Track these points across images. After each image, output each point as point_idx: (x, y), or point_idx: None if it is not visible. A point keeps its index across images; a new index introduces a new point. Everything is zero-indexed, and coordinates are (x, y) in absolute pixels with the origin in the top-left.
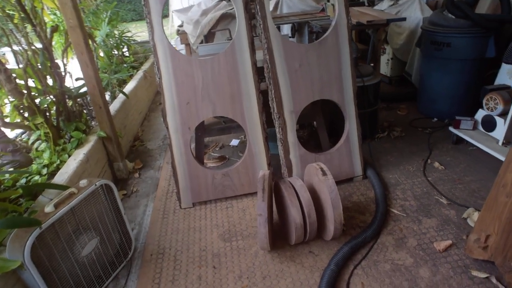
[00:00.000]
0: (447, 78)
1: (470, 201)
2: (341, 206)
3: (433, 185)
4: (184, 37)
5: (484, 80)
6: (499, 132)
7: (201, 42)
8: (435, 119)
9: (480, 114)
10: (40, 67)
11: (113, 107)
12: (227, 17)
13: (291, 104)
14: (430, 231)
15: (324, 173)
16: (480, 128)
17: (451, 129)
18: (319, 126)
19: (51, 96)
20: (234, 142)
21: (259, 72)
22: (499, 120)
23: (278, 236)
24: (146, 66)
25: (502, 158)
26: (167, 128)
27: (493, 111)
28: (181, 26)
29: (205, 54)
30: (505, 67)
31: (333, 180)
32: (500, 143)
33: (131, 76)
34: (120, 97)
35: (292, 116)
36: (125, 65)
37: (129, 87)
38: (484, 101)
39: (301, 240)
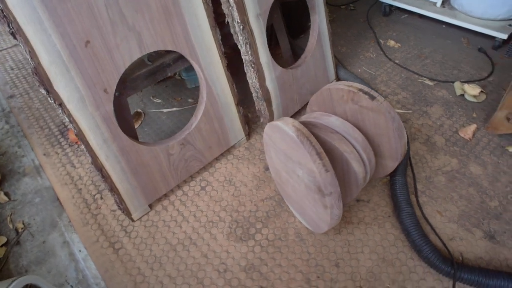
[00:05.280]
0: None
1: (449, 75)
2: (406, 134)
3: (407, 68)
4: None
5: None
6: None
7: None
8: None
9: None
10: None
11: None
12: None
13: (255, 3)
14: (444, 121)
15: (371, 97)
16: None
17: None
18: (278, 29)
19: None
20: None
21: None
22: None
23: None
24: None
25: (444, 19)
26: (61, 105)
27: None
28: None
29: None
30: None
31: (388, 103)
32: (438, 5)
33: None
34: None
35: (260, 21)
36: None
37: None
38: None
39: None
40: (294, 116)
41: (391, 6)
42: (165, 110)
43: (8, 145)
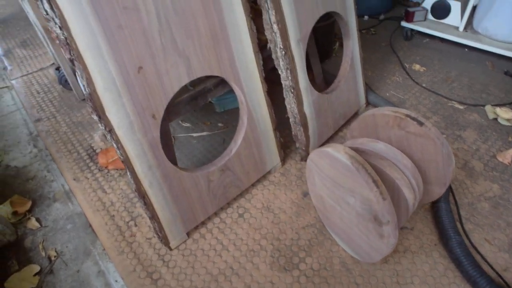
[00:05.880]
0: None
1: (478, 98)
2: (454, 159)
3: (435, 92)
4: None
5: None
6: (454, 17)
7: None
8: (366, 17)
9: (429, 1)
10: None
11: None
12: None
13: (296, 27)
14: (479, 145)
15: (420, 123)
16: (430, 17)
17: (404, 24)
18: (311, 53)
19: None
20: None
21: None
22: (454, 4)
23: None
24: None
25: (468, 43)
26: (111, 131)
27: None
28: None
29: None
30: None
31: (436, 129)
32: (461, 29)
33: None
34: None
35: (300, 47)
36: None
37: None
38: None
39: None
40: (328, 140)
41: (412, 30)
42: (195, 135)
43: (37, 170)
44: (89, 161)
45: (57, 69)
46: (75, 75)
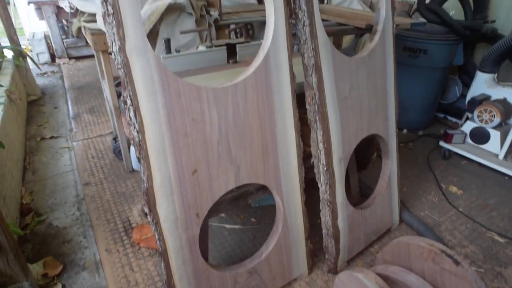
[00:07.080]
0: (420, 87)
1: None
2: None
3: (473, 219)
4: (99, 40)
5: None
6: (494, 145)
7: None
8: (405, 130)
9: (468, 126)
10: None
11: None
12: (174, 10)
13: (340, 147)
14: None
15: (456, 261)
16: (469, 140)
17: (442, 144)
18: (350, 168)
19: None
20: None
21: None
22: (494, 133)
23: None
24: (4, 80)
25: (505, 171)
26: (157, 223)
27: (487, 123)
28: (88, 18)
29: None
30: (481, 76)
31: (473, 271)
32: (500, 157)
33: None
34: None
35: (341, 164)
36: None
37: None
38: (477, 113)
39: None
40: (358, 255)
41: (450, 151)
42: (227, 226)
43: (75, 233)
44: (123, 234)
45: (114, 139)
46: (129, 148)
